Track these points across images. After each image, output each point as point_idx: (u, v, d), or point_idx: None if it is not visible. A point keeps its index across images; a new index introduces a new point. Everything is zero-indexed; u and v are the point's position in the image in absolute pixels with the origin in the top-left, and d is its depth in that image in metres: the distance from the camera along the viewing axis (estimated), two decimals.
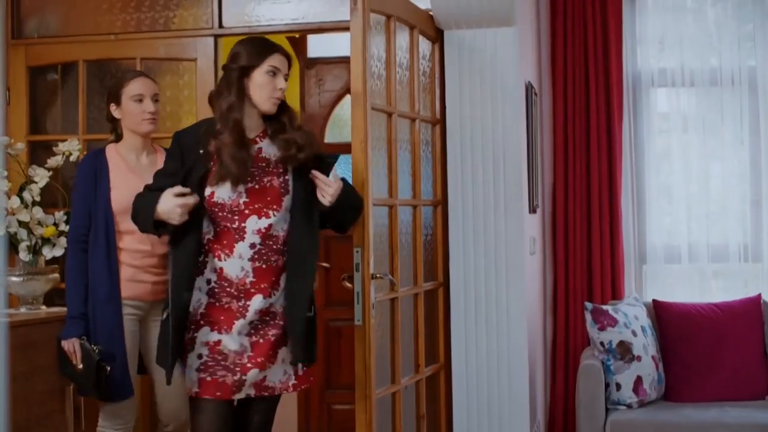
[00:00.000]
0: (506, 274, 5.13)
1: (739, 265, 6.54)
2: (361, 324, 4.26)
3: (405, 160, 4.92)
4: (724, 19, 6.69)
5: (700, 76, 6.61)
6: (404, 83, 4.93)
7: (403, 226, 4.87)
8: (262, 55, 4.01)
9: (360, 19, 4.30)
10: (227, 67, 4.04)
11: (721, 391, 5.79)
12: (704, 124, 6.66)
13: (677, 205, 6.64)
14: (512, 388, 5.08)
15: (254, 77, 3.99)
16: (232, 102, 3.98)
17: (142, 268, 4.47)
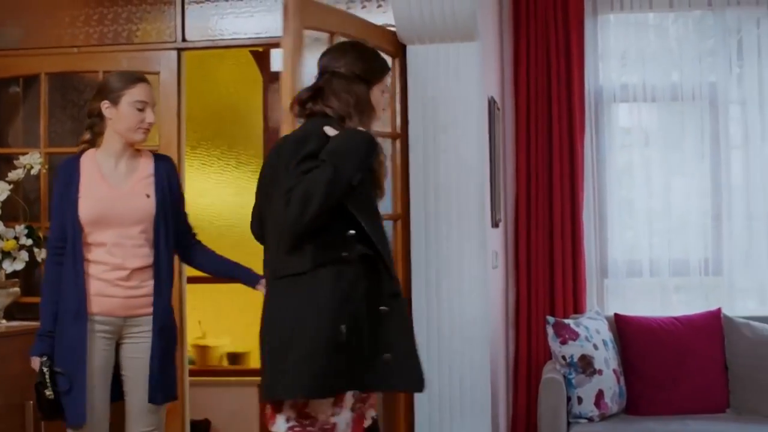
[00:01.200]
0: (468, 288, 5.18)
1: (700, 279, 6.63)
2: None
3: None
4: (685, 35, 6.81)
5: (661, 92, 6.70)
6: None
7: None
8: None
9: (291, 37, 4.36)
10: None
11: (683, 405, 5.86)
12: (666, 139, 6.77)
13: (639, 219, 6.73)
14: (474, 402, 5.13)
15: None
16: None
17: (111, 281, 4.32)
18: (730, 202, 6.61)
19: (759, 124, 6.62)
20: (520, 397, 6.54)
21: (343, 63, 3.77)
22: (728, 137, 6.65)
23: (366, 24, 5.10)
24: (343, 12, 5.11)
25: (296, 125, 3.98)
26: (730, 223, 6.61)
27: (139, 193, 4.39)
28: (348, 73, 3.75)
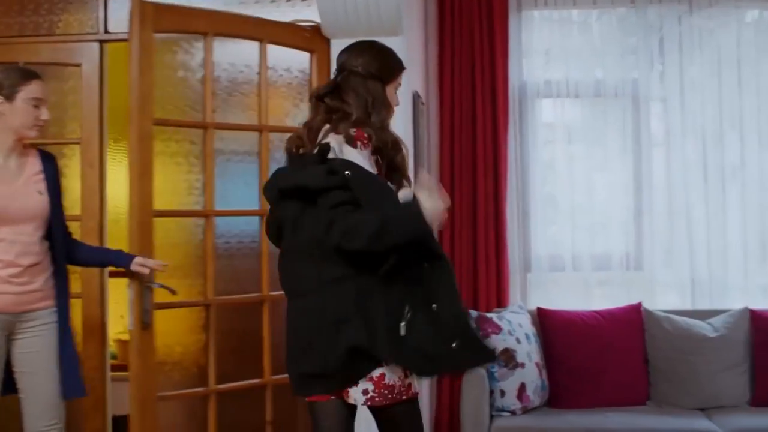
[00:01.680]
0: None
1: (621, 273, 6.75)
2: (134, 329, 4.58)
3: (248, 171, 5.06)
4: (608, 32, 6.90)
5: (584, 88, 6.80)
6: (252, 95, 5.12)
7: (241, 236, 5.10)
8: None
9: (137, 42, 4.57)
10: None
11: (604, 398, 5.95)
12: (588, 135, 6.87)
13: (562, 214, 6.82)
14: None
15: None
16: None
17: (3, 278, 4.30)
18: (651, 198, 6.73)
19: (680, 120, 6.74)
20: (443, 391, 6.59)
21: (360, 62, 3.88)
22: (650, 134, 6.77)
23: (264, 23, 5.10)
24: (217, 13, 5.07)
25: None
26: (651, 218, 6.73)
27: (32, 190, 4.40)
28: (364, 72, 3.86)
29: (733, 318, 6.21)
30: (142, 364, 4.68)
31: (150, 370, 4.70)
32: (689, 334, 6.14)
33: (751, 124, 6.77)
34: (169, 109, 5.18)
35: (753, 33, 6.83)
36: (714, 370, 6.05)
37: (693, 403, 6.02)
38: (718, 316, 6.28)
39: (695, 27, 6.78)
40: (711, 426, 5.64)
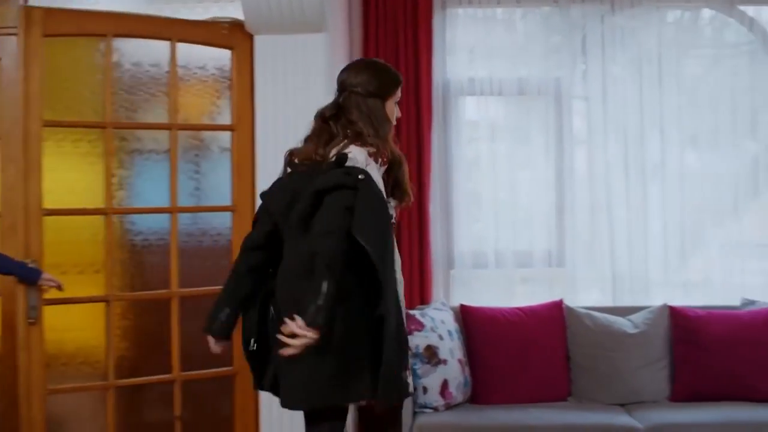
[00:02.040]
0: None
1: (543, 270, 6.82)
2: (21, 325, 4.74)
3: (160, 169, 5.12)
4: (532, 31, 6.97)
5: (508, 86, 6.85)
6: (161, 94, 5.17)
7: (149, 233, 5.17)
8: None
9: (21, 46, 4.83)
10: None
11: (526, 394, 6.02)
12: (512, 132, 6.93)
13: (485, 211, 6.87)
14: None
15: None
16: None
17: None
18: (573, 195, 6.81)
19: (602, 118, 6.82)
20: None
21: (359, 82, 4.13)
22: (572, 131, 6.85)
23: (168, 22, 5.15)
24: (118, 15, 5.12)
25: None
26: (573, 215, 6.81)
27: None
28: (364, 91, 4.11)
29: (653, 314, 6.31)
30: (29, 358, 4.80)
31: (38, 365, 4.83)
32: (610, 330, 6.23)
33: (672, 123, 6.88)
34: (79, 109, 5.17)
35: (674, 33, 6.95)
36: (634, 366, 6.14)
37: (613, 399, 6.11)
38: (639, 312, 6.38)
39: (617, 26, 6.87)
40: (631, 421, 5.73)
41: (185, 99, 5.24)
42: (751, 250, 7.02)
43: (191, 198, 5.26)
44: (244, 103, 5.24)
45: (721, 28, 7.13)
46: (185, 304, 5.15)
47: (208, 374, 5.16)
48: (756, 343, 6.07)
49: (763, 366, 6.04)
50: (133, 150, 5.09)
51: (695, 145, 7.03)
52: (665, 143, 6.90)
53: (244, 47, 5.24)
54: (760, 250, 7.04)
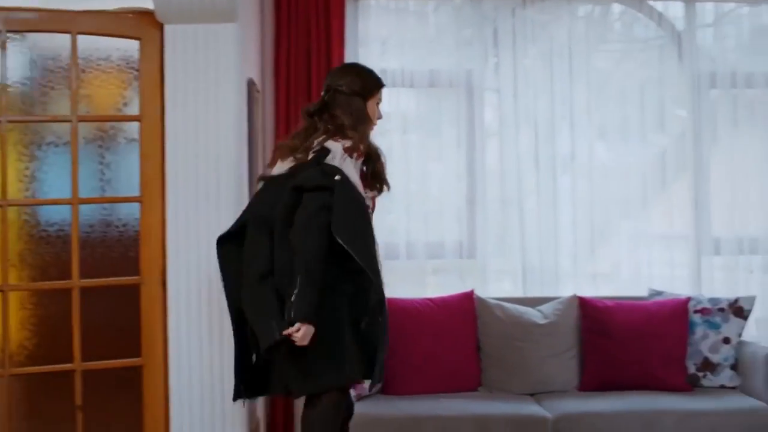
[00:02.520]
0: None
1: (455, 261, 6.89)
2: None
3: (63, 161, 5.08)
4: (444, 23, 7.03)
5: (420, 78, 6.91)
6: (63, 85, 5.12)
7: (53, 224, 5.14)
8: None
9: None
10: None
11: (437, 384, 6.08)
12: (424, 124, 6.98)
13: (397, 203, 6.90)
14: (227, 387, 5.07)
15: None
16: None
17: None
18: (484, 187, 6.88)
19: (513, 111, 6.92)
20: None
21: (344, 82, 4.59)
22: (483, 124, 6.92)
23: (69, 15, 5.11)
24: (10, 9, 5.08)
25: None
26: (485, 207, 6.89)
27: None
28: (348, 91, 4.57)
29: (562, 305, 6.41)
30: None
31: None
32: (520, 321, 6.32)
33: (582, 116, 7.00)
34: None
35: (584, 27, 7.07)
36: (544, 356, 6.24)
37: (523, 389, 6.21)
38: (548, 303, 6.48)
39: (528, 20, 6.97)
40: (540, 410, 5.82)
41: (91, 90, 5.19)
42: (658, 242, 7.18)
43: (99, 189, 5.22)
44: (153, 93, 5.21)
45: (631, 23, 7.27)
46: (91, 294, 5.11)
47: (113, 365, 5.13)
48: (662, 333, 6.20)
49: (668, 356, 6.18)
50: (36, 142, 5.05)
51: (605, 138, 7.17)
52: (575, 136, 7.02)
53: (154, 37, 5.20)
54: (667, 242, 7.19)
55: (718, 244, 7.09)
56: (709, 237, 7.07)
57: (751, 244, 7.10)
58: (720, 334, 6.27)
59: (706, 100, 7.10)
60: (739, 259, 7.12)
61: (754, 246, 7.10)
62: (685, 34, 7.08)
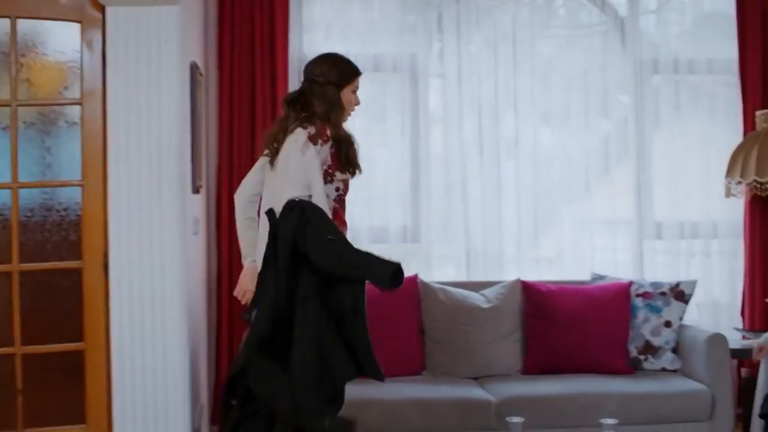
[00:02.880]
0: (169, 255, 5.18)
1: (399, 246, 6.93)
2: None
3: (2, 145, 5.07)
4: (388, 8, 7.05)
5: (364, 63, 6.88)
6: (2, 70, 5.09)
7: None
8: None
9: None
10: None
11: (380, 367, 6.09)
12: (368, 110, 6.97)
13: None
14: (171, 372, 5.12)
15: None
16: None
17: None
18: (428, 172, 6.93)
19: (457, 97, 6.96)
20: (222, 365, 6.64)
21: (320, 72, 4.83)
22: (428, 109, 6.96)
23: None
24: None
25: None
26: (429, 192, 6.93)
27: None
28: (323, 80, 4.79)
29: (505, 289, 6.47)
30: None
31: None
32: (464, 305, 6.36)
33: (526, 102, 7.06)
34: None
35: (529, 13, 7.13)
36: (487, 340, 6.30)
37: (467, 372, 6.26)
38: (492, 287, 6.53)
39: (473, 5, 7.02)
40: (483, 394, 5.88)
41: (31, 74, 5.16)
42: (601, 227, 7.27)
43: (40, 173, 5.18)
44: (95, 77, 5.18)
45: (575, 9, 7.36)
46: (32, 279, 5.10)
47: (54, 349, 5.11)
48: (604, 317, 6.28)
49: (610, 339, 6.26)
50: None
51: (548, 123, 7.25)
52: (519, 122, 7.08)
53: (95, 20, 5.17)
54: (609, 227, 7.28)
55: (660, 228, 7.20)
56: (651, 222, 7.17)
57: (693, 228, 7.21)
58: (661, 318, 6.35)
59: (649, 86, 7.19)
60: (681, 243, 7.23)
61: (695, 230, 7.21)
62: (628, 20, 7.16)
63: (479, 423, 5.71)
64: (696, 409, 5.90)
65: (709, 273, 7.23)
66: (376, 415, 5.67)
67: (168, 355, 5.11)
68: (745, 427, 6.17)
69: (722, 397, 5.93)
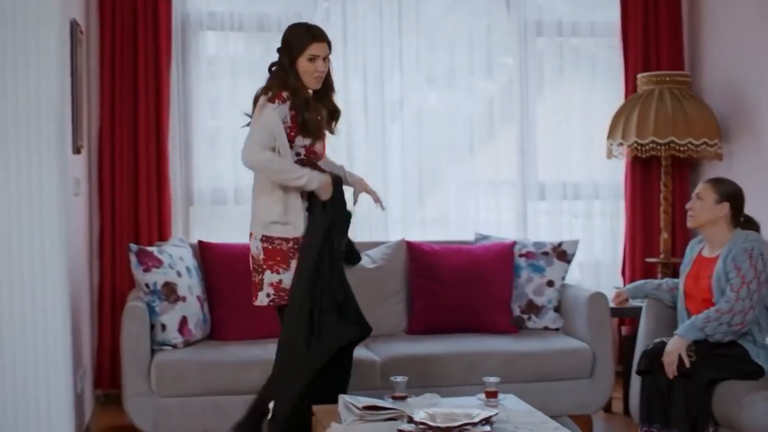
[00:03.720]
0: (48, 216, 5.11)
1: None
2: None
3: None
4: None
5: (249, 21, 6.91)
6: None
7: None
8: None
9: None
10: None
11: (264, 329, 6.06)
12: (253, 69, 6.97)
13: (224, 149, 6.93)
14: (51, 335, 5.05)
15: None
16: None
17: None
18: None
19: (342, 58, 6.99)
20: (104, 327, 6.61)
21: (281, 42, 5.07)
22: None
23: None
24: None
25: None
26: None
27: None
28: (280, 51, 5.07)
29: (390, 250, 6.53)
30: None
31: None
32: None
33: (411, 63, 7.12)
34: None
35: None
36: (372, 300, 6.31)
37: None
38: (377, 248, 6.58)
39: None
40: (368, 354, 5.93)
41: None
42: (485, 188, 7.39)
43: None
44: None
45: None
46: None
47: None
48: (487, 276, 6.38)
49: (494, 299, 6.36)
50: None
51: (434, 86, 7.31)
52: (405, 84, 7.14)
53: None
54: (494, 188, 7.40)
55: (543, 189, 7.34)
56: (534, 183, 7.32)
57: (575, 189, 7.37)
58: (544, 278, 6.47)
59: (533, 49, 7.31)
60: (564, 204, 7.38)
61: (577, 191, 7.37)
62: None
63: (364, 383, 5.74)
64: (577, 367, 6.04)
65: (591, 233, 7.42)
66: (259, 374, 5.68)
67: (49, 318, 5.05)
68: (625, 383, 6.34)
69: (602, 354, 6.09)
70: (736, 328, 4.93)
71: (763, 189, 6.40)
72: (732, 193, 5.17)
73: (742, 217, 5.20)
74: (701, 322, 4.95)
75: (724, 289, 5.01)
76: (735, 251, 5.00)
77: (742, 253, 4.97)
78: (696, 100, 6.90)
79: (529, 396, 5.34)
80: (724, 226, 5.15)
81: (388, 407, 4.52)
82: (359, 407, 4.47)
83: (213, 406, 5.66)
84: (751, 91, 6.77)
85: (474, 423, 4.18)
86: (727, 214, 5.14)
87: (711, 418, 4.90)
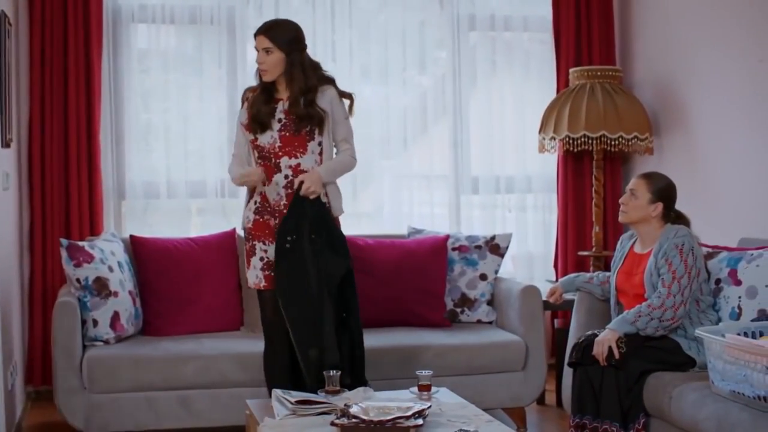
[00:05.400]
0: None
1: (217, 200, 6.97)
2: None
3: None
4: None
5: (180, 14, 6.90)
6: None
7: None
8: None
9: None
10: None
11: (198, 324, 6.14)
12: (185, 62, 6.99)
13: (157, 142, 6.93)
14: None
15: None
16: None
17: None
18: None
19: None
20: (35, 323, 6.58)
21: None
22: (246, 62, 6.96)
23: None
24: None
25: None
26: None
27: None
28: None
29: None
30: None
31: None
32: None
33: (345, 57, 7.19)
34: None
35: None
36: None
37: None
38: None
39: None
40: None
41: None
42: (419, 182, 7.45)
43: None
44: None
45: None
46: None
47: None
48: (421, 270, 6.43)
49: (427, 292, 6.41)
50: None
51: (367, 79, 7.35)
52: (338, 77, 7.10)
53: None
54: (427, 182, 7.47)
55: (476, 183, 7.42)
56: (467, 176, 7.39)
57: (508, 183, 7.45)
58: (477, 271, 6.53)
59: (466, 43, 7.37)
60: (497, 197, 7.47)
61: (510, 185, 7.46)
62: None
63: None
64: (510, 360, 6.11)
65: (524, 226, 7.51)
66: (193, 370, 5.70)
67: None
68: (558, 376, 6.42)
69: (535, 347, 6.16)
70: (667, 323, 5.02)
71: (692, 183, 6.53)
72: (666, 191, 5.25)
73: (673, 212, 5.29)
74: (633, 316, 5.04)
75: (656, 285, 5.10)
76: (666, 247, 5.09)
77: (673, 249, 5.06)
78: (627, 95, 7.00)
79: (462, 389, 5.41)
80: (656, 224, 5.24)
81: (320, 401, 4.57)
82: (292, 401, 4.51)
83: (145, 402, 5.66)
84: (681, 85, 6.89)
85: (407, 416, 4.23)
86: (659, 213, 5.23)
87: (642, 409, 4.98)
